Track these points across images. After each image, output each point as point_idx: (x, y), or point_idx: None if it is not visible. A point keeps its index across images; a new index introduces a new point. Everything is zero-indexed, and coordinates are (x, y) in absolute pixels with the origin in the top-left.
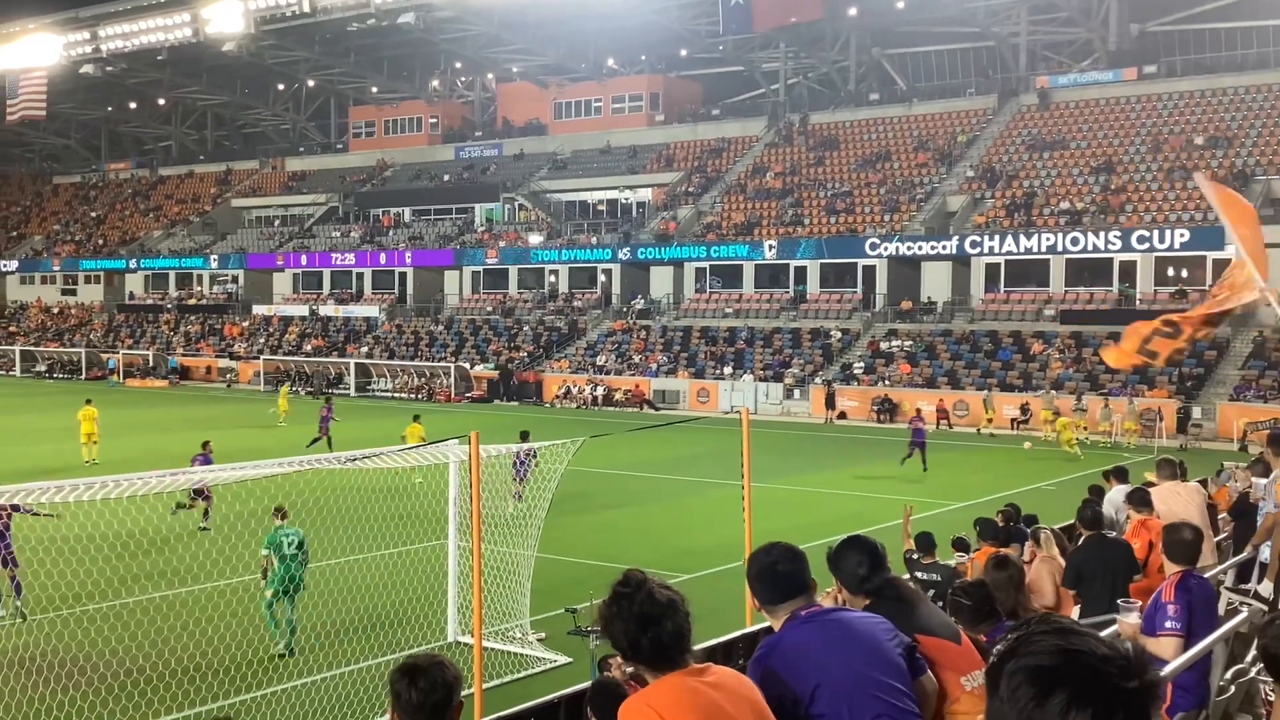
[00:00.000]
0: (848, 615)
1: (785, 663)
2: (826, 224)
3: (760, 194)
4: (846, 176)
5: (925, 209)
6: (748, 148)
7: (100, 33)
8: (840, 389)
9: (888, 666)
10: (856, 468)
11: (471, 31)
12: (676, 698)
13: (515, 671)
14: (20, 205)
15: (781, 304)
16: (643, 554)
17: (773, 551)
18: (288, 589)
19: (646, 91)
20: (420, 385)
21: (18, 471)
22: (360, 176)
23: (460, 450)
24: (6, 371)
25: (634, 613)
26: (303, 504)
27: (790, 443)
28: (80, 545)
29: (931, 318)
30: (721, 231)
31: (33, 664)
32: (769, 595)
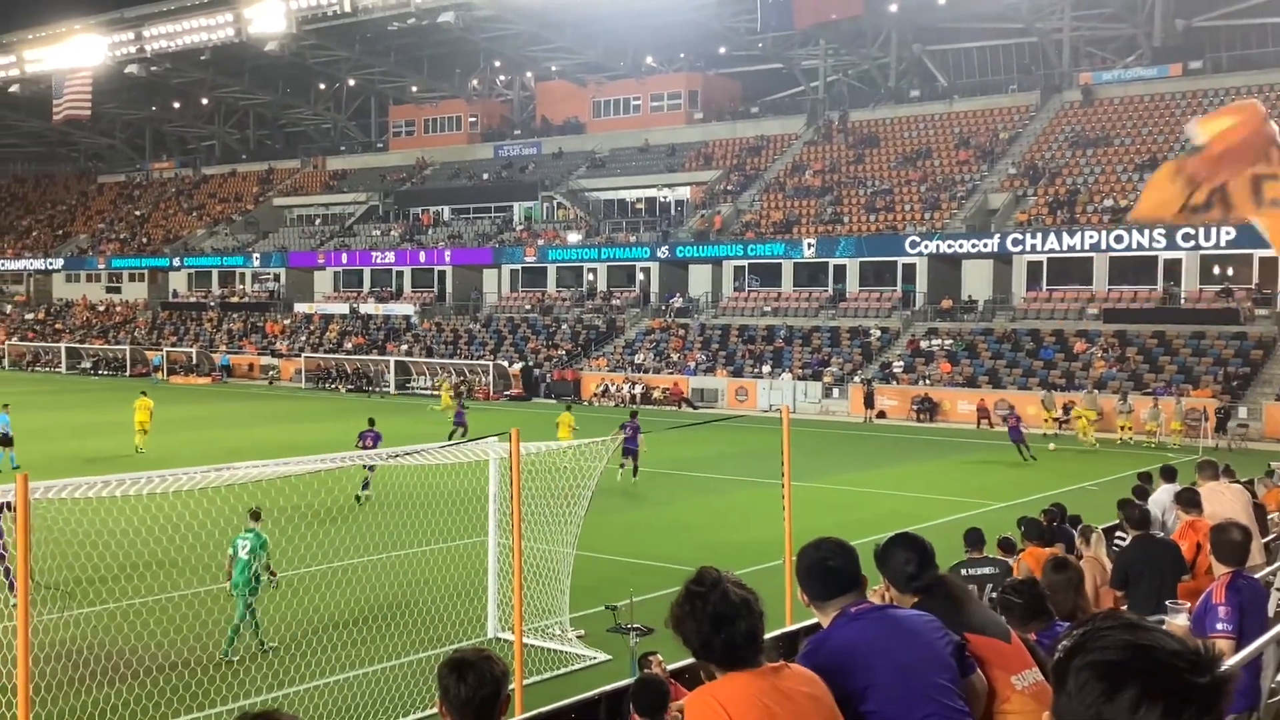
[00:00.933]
0: (898, 613)
1: (834, 660)
2: (866, 222)
3: (799, 192)
4: (886, 174)
5: (966, 206)
6: (787, 145)
7: (144, 33)
8: (879, 388)
9: (938, 665)
10: (897, 467)
11: (511, 30)
12: (744, 696)
13: (555, 668)
14: (66, 204)
15: (820, 302)
16: (681, 551)
17: (823, 547)
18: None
19: (685, 89)
20: (459, 383)
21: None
22: (400, 175)
23: (500, 448)
24: (52, 368)
25: (707, 612)
26: (345, 501)
27: (829, 442)
28: (126, 539)
29: (972, 316)
30: (760, 230)
31: (78, 656)
32: (818, 591)
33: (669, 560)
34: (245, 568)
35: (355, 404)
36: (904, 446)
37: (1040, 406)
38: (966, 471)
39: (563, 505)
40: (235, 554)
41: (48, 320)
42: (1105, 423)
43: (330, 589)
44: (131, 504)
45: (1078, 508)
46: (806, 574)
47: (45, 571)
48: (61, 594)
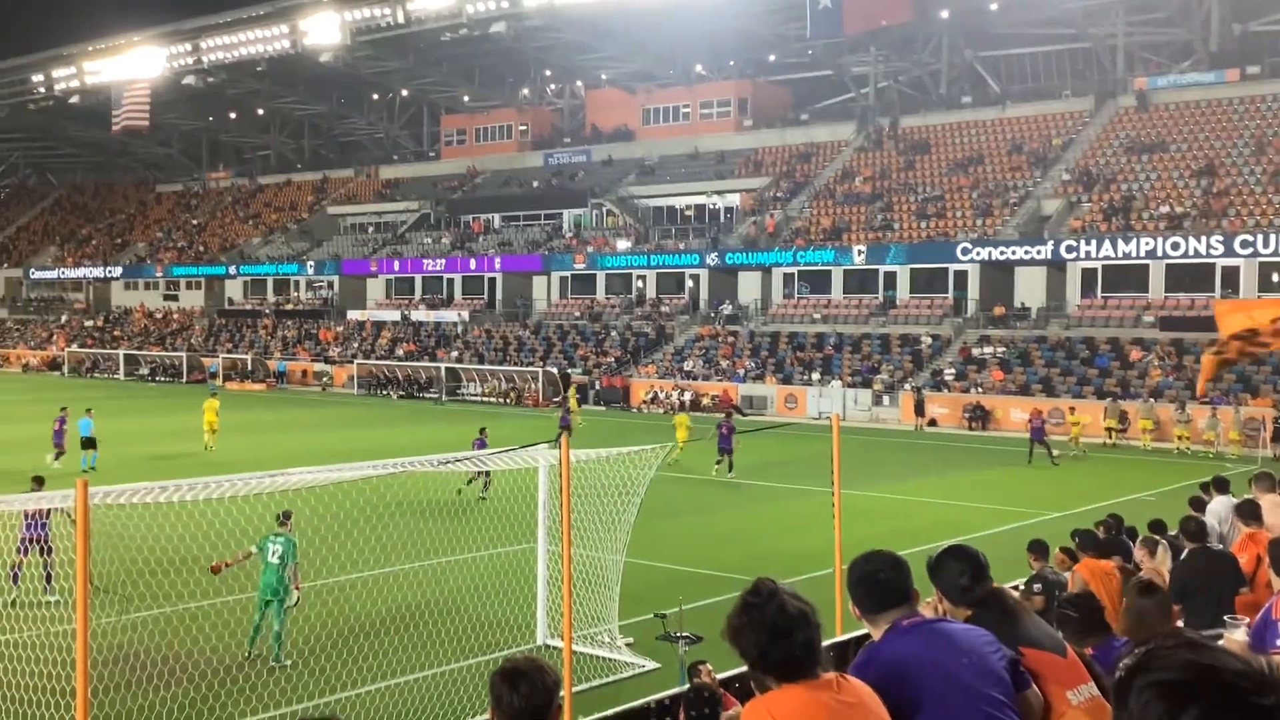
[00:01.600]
0: (950, 626)
1: (884, 674)
2: (917, 228)
3: (849, 198)
4: (937, 180)
5: (1019, 213)
6: (837, 152)
7: (202, 44)
8: (930, 396)
9: (991, 680)
10: (948, 476)
11: (561, 39)
12: (799, 709)
13: (604, 676)
14: (125, 213)
15: (870, 309)
16: (730, 559)
17: (875, 559)
18: (269, 598)
19: (735, 96)
20: (508, 390)
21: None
22: (451, 184)
23: (550, 454)
24: (110, 375)
25: (765, 623)
26: (397, 505)
27: (880, 450)
28: (183, 544)
29: (1025, 324)
30: (810, 236)
31: (136, 660)
32: (869, 604)
33: (718, 568)
34: (275, 572)
35: (407, 410)
36: (955, 455)
37: (1101, 416)
38: (1019, 481)
39: (612, 512)
40: (265, 558)
41: (106, 327)
42: (1162, 432)
43: (381, 594)
44: (189, 509)
45: (1134, 519)
46: (857, 586)
47: (103, 576)
48: (120, 598)
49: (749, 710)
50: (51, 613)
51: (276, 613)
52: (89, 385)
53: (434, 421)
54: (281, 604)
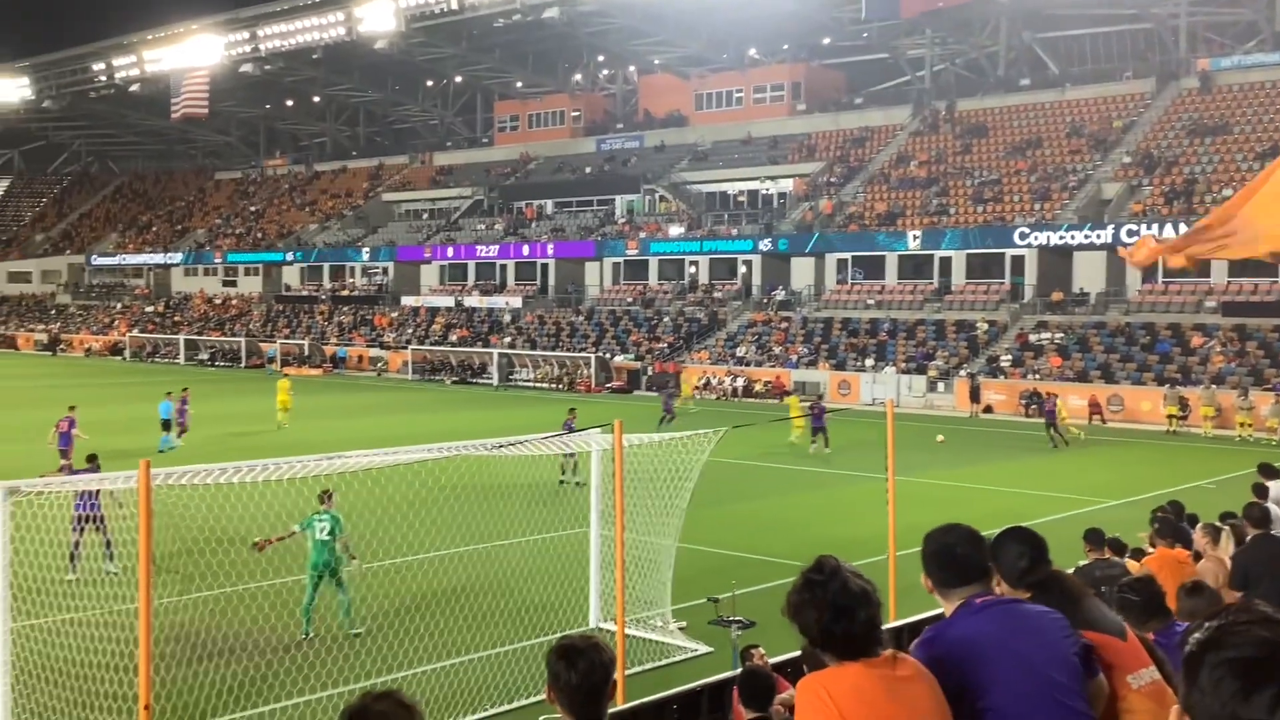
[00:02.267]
0: (1025, 608)
1: (953, 651)
2: (973, 213)
3: (904, 183)
4: (995, 164)
5: (1078, 197)
6: (891, 136)
7: (259, 33)
8: (986, 382)
9: (1061, 665)
10: (1004, 463)
11: (614, 24)
12: (854, 688)
13: (656, 659)
14: (184, 200)
15: (925, 295)
16: (783, 545)
17: (953, 532)
18: (322, 573)
19: (788, 81)
20: (561, 375)
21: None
22: (504, 170)
23: (603, 439)
24: (170, 360)
25: (828, 601)
26: (452, 489)
27: (934, 436)
28: (242, 525)
29: (1084, 309)
30: (864, 222)
31: (197, 638)
32: (944, 578)
33: (771, 554)
34: (325, 548)
35: (461, 395)
36: (1011, 442)
37: (1161, 402)
38: (1078, 468)
39: (664, 497)
40: (313, 535)
41: (167, 313)
42: (1223, 419)
43: (436, 576)
44: (248, 490)
45: (1194, 507)
46: (932, 559)
47: (165, 556)
48: (180, 577)
49: (804, 686)
50: (113, 591)
51: (335, 586)
52: (150, 370)
53: (490, 406)
54: (335, 578)
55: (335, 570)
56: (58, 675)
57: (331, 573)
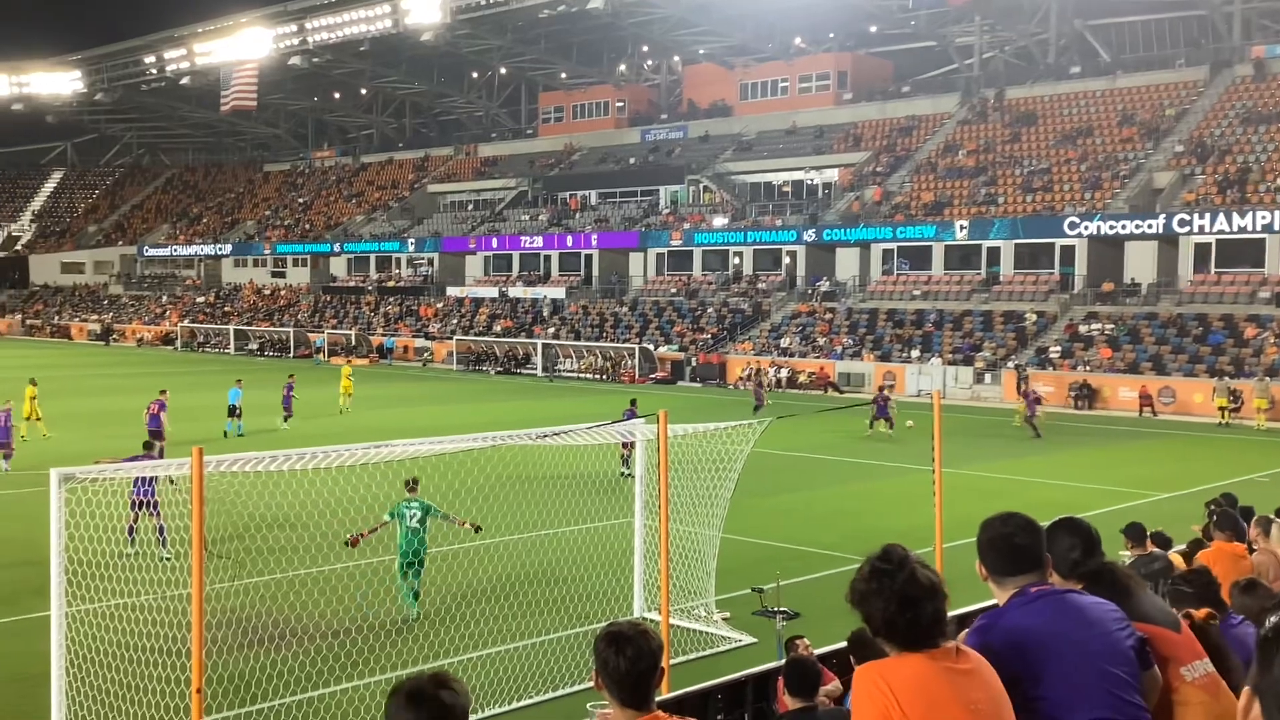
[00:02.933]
0: (1081, 599)
1: (1008, 640)
2: (1022, 203)
3: (952, 172)
4: (1044, 153)
5: (1129, 186)
6: (939, 125)
7: (307, 25)
8: (1034, 374)
9: (1117, 656)
10: (1053, 455)
11: (659, 14)
12: (913, 679)
13: (700, 649)
14: (234, 192)
15: (973, 286)
16: (828, 536)
17: (1010, 521)
18: (411, 561)
19: (834, 70)
20: (605, 366)
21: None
22: (549, 161)
23: (648, 429)
24: (221, 350)
25: (895, 592)
26: (498, 478)
27: (981, 428)
28: (292, 512)
29: (1135, 300)
30: (910, 212)
31: (248, 623)
32: (1001, 566)
33: (816, 545)
34: (415, 536)
35: (506, 385)
36: (1061, 434)
37: (1212, 394)
38: (1128, 460)
39: (708, 487)
40: (404, 523)
41: (217, 303)
42: (1276, 412)
43: (481, 565)
44: (298, 478)
45: (1246, 500)
46: (989, 547)
47: (217, 541)
48: (232, 563)
49: (861, 675)
50: (167, 576)
51: (416, 573)
52: (201, 360)
53: (535, 397)
54: (421, 565)
55: (420, 558)
56: (112, 659)
57: (419, 559)
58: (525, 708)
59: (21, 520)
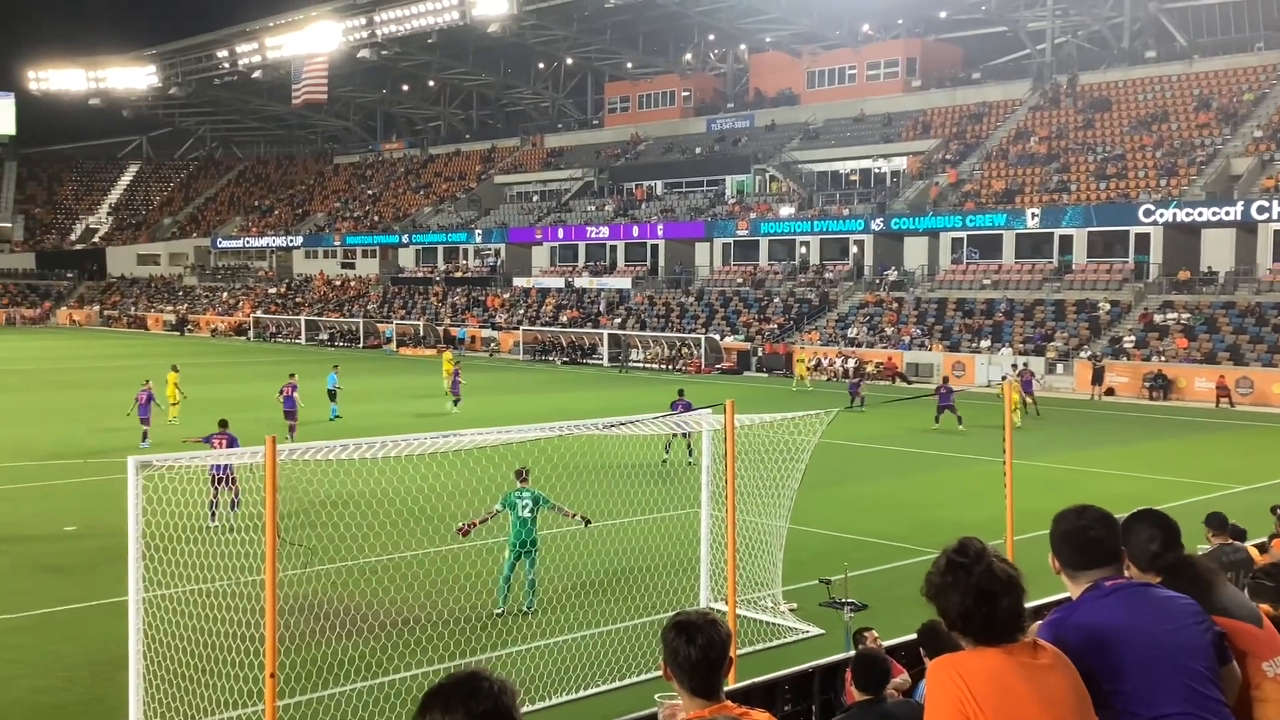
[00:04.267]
0: (1156, 592)
1: (1081, 635)
2: (1095, 190)
3: (1023, 160)
4: (1118, 139)
5: (1206, 172)
6: (1010, 112)
7: (376, 18)
8: (1108, 364)
9: (1194, 651)
10: (1127, 447)
11: (725, 3)
12: (989, 673)
13: (767, 640)
14: (305, 184)
15: (1044, 274)
16: (895, 527)
17: (1085, 514)
18: (526, 549)
19: (903, 56)
20: (671, 356)
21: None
22: (615, 151)
23: (714, 420)
24: (292, 340)
25: (972, 585)
26: (564, 468)
27: (1053, 419)
28: (364, 501)
29: (1212, 289)
30: (980, 200)
31: (320, 610)
32: (1075, 560)
33: (884, 536)
34: (527, 525)
35: (572, 375)
36: (1135, 425)
37: None
38: (1204, 452)
39: (776, 478)
40: (515, 513)
41: (289, 294)
42: None
43: (548, 555)
44: (368, 467)
45: None
46: (1063, 540)
47: (290, 529)
48: (305, 550)
49: (936, 669)
50: (241, 563)
51: (529, 564)
52: (273, 350)
53: (601, 387)
54: (533, 555)
55: (531, 547)
56: (187, 643)
57: (528, 550)
58: (591, 696)
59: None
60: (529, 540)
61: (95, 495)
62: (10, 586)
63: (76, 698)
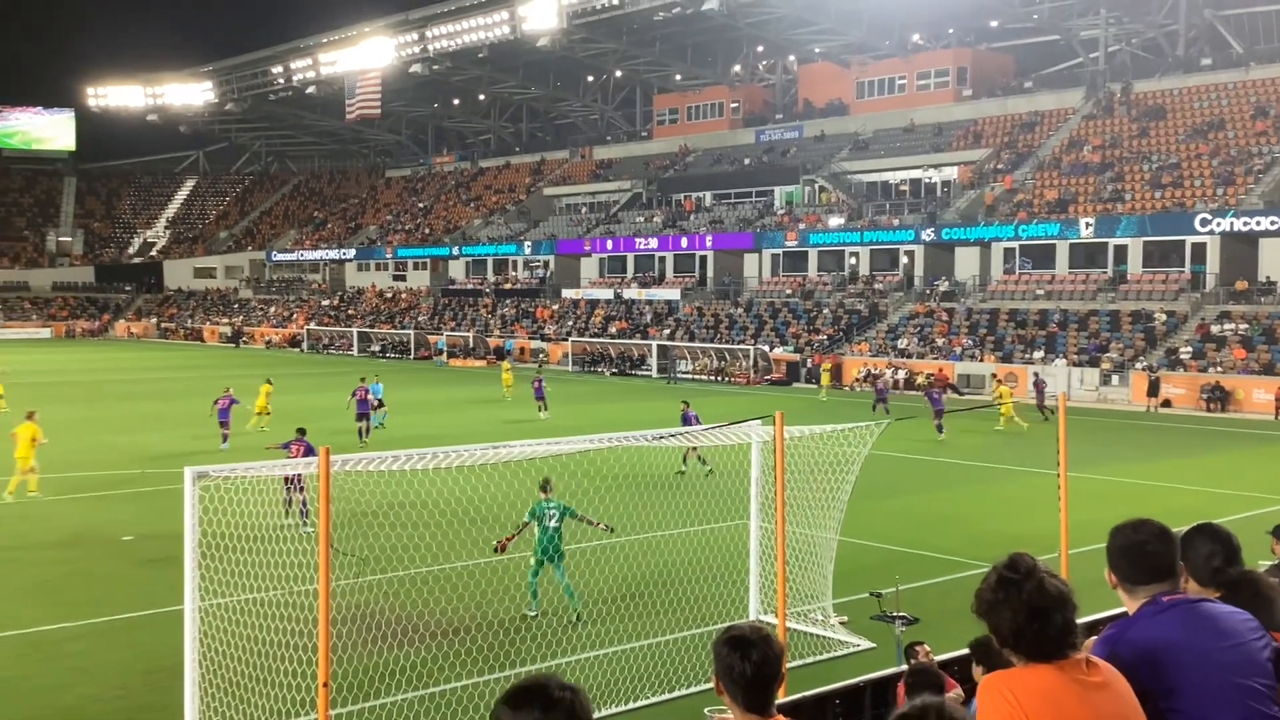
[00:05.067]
0: (1213, 608)
1: (1137, 651)
2: (1150, 199)
3: (1076, 169)
4: (1174, 148)
5: (1264, 181)
6: (1063, 121)
7: (428, 34)
8: (1164, 375)
9: (1253, 668)
10: (1185, 459)
11: (774, 14)
12: (1041, 691)
13: (817, 653)
14: (357, 198)
15: (1099, 285)
16: (948, 540)
17: (1143, 528)
18: (551, 557)
19: (953, 65)
20: (719, 367)
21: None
22: (663, 163)
23: (763, 431)
24: (344, 351)
25: (1023, 601)
26: (613, 479)
27: (1108, 431)
28: (415, 512)
29: (1271, 299)
30: (1033, 210)
31: (372, 619)
32: (1132, 575)
33: (935, 550)
34: (552, 535)
35: (621, 386)
36: (1192, 438)
37: None
38: (1263, 464)
39: (825, 489)
40: (542, 523)
41: (341, 306)
42: None
43: (596, 566)
44: (420, 478)
45: None
46: (1120, 554)
47: (343, 539)
48: (357, 560)
49: (988, 686)
50: (294, 572)
51: (560, 573)
52: (326, 361)
53: (650, 398)
54: (560, 563)
55: (557, 557)
56: (242, 652)
57: (554, 559)
58: (640, 709)
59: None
60: (555, 550)
61: (152, 505)
62: (68, 595)
63: (131, 705)
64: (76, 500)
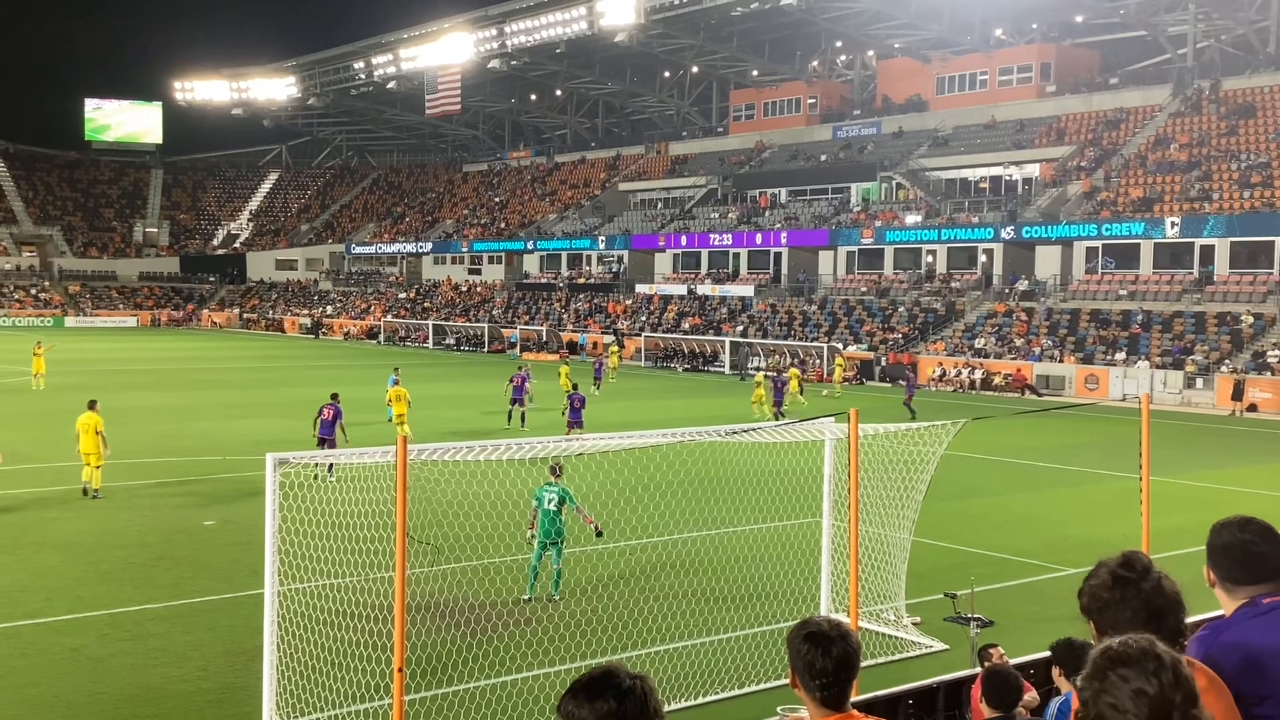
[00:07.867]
0: None
1: (1230, 653)
2: (1239, 199)
3: (1162, 167)
4: (1264, 146)
5: None
6: (1149, 118)
7: (507, 29)
8: (1251, 379)
9: None
10: (1271, 465)
11: (854, 9)
12: None
13: (889, 654)
14: (435, 192)
15: (1184, 285)
16: (1025, 543)
17: (1249, 527)
18: (550, 540)
19: (1036, 61)
20: (791, 364)
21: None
22: (739, 159)
23: (837, 429)
24: (420, 344)
25: (1144, 601)
26: (686, 474)
27: (1191, 435)
28: (489, 502)
29: None
30: (1116, 208)
31: (446, 608)
32: (1234, 573)
33: (1011, 552)
34: (552, 518)
35: (694, 382)
36: (1278, 443)
37: None
38: None
39: (900, 489)
40: (542, 506)
41: (418, 299)
42: None
43: (669, 560)
44: (493, 469)
45: None
46: (1223, 552)
47: (418, 528)
48: (432, 549)
49: None
50: (370, 560)
51: (556, 555)
52: (402, 354)
53: (721, 394)
54: (560, 547)
55: (558, 540)
56: (320, 636)
57: (554, 542)
58: (712, 703)
59: (250, 498)
60: (556, 533)
61: (234, 491)
62: (152, 578)
63: (212, 685)
64: (160, 486)
